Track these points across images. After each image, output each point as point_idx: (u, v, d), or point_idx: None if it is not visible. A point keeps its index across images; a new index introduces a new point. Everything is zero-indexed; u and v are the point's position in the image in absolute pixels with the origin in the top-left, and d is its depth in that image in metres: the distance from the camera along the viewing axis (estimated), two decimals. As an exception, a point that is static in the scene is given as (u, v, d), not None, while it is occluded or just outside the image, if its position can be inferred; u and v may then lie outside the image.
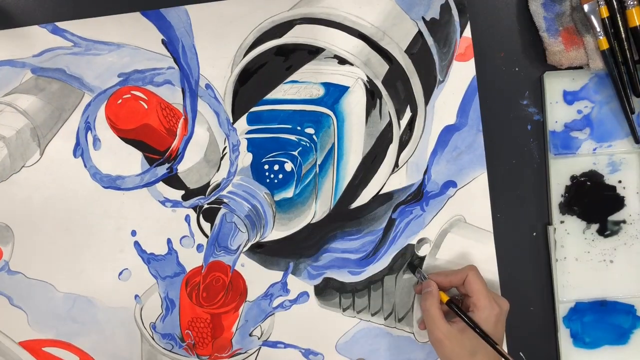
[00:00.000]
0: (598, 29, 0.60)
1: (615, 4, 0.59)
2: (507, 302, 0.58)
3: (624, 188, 0.63)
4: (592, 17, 0.60)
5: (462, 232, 0.63)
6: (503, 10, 0.63)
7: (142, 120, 0.62)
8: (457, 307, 0.57)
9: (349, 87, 0.62)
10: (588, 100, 0.62)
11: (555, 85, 0.62)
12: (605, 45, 0.60)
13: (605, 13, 0.59)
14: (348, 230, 0.63)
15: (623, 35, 0.59)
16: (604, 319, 0.63)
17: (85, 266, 0.62)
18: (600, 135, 0.63)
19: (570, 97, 0.62)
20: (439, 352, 0.56)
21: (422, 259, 0.63)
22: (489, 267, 0.62)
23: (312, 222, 0.63)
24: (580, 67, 0.62)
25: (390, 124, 0.63)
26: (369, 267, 0.63)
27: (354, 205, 0.63)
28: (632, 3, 0.59)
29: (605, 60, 0.60)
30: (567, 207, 0.63)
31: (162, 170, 0.62)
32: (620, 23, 0.59)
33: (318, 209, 0.63)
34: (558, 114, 0.63)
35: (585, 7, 0.60)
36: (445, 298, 0.58)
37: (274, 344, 0.63)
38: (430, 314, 0.57)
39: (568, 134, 0.63)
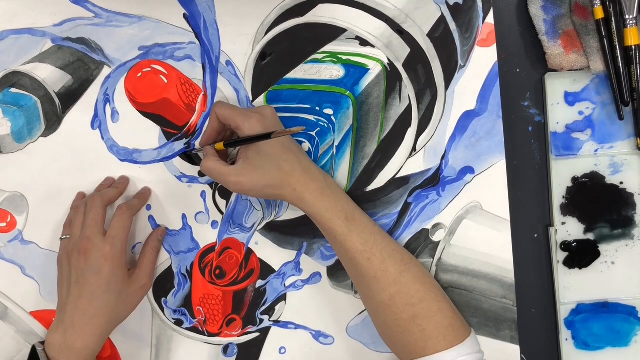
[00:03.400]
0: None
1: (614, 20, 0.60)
2: (269, 107, 0.57)
3: (626, 189, 0.63)
4: None
5: (478, 219, 0.62)
6: (504, 12, 0.63)
7: (162, 95, 0.62)
8: (229, 140, 0.56)
9: (369, 69, 0.62)
10: (589, 102, 0.62)
11: (556, 87, 0.62)
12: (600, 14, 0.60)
13: (600, 14, 0.60)
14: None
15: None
16: (606, 320, 0.62)
17: (98, 239, 0.62)
18: (601, 137, 0.62)
19: (571, 99, 0.62)
20: (247, 193, 0.56)
21: (437, 244, 0.62)
22: (504, 255, 0.62)
23: (327, 203, 0.62)
24: (581, 69, 0.62)
25: (409, 107, 0.62)
26: (383, 250, 0.62)
27: (370, 187, 0.63)
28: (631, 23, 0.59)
29: (606, 64, 0.61)
30: (568, 209, 0.62)
31: (179, 145, 0.62)
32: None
33: (334, 190, 0.62)
34: (559, 115, 0.62)
35: None
36: (220, 145, 0.57)
37: (284, 325, 0.63)
38: (213, 170, 0.55)
39: (569, 135, 0.62)
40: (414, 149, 0.63)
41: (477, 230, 0.62)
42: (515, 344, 0.62)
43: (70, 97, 0.62)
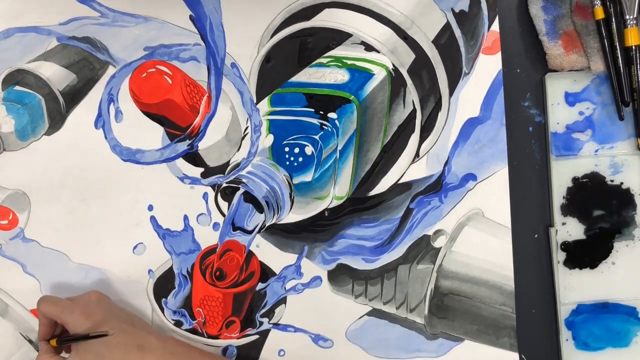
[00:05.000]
0: None
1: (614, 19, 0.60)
2: (95, 292, 0.58)
3: (626, 190, 0.63)
4: None
5: (479, 226, 0.62)
6: (504, 12, 0.63)
7: (166, 95, 0.62)
8: (61, 337, 0.56)
9: (374, 74, 0.62)
10: (590, 102, 0.63)
11: (556, 87, 0.62)
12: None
13: (600, 14, 0.60)
14: (365, 217, 0.63)
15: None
16: (606, 321, 0.63)
17: (100, 238, 0.62)
18: (602, 137, 0.63)
19: (571, 99, 0.62)
20: None
21: (438, 250, 0.62)
22: (504, 262, 0.62)
23: (329, 207, 0.63)
24: (582, 69, 0.62)
25: (413, 113, 0.62)
26: (384, 255, 0.63)
27: (372, 192, 0.63)
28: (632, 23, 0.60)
29: (607, 64, 0.61)
30: (568, 209, 0.63)
31: (182, 146, 0.62)
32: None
33: (336, 194, 0.63)
34: (560, 116, 0.63)
35: None
36: (54, 342, 0.57)
37: (284, 328, 0.63)
38: None
39: (570, 136, 0.63)
40: (417, 154, 0.63)
41: (478, 237, 0.62)
42: (514, 352, 0.62)
43: (74, 96, 0.62)
